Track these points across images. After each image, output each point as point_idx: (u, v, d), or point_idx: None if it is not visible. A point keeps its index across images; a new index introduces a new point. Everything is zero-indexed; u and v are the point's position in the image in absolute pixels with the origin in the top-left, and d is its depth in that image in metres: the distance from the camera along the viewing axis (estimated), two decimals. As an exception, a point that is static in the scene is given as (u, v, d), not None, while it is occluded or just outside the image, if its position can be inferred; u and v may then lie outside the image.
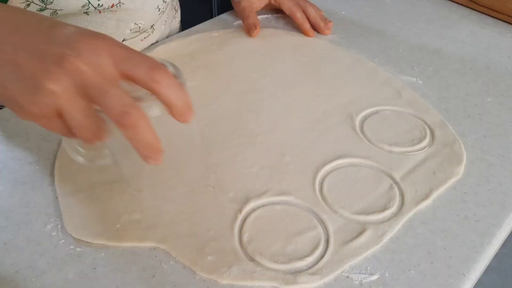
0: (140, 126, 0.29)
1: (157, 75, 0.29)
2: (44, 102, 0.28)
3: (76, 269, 0.36)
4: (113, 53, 0.29)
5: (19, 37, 0.29)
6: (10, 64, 0.28)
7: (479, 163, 0.47)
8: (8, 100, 0.29)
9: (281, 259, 0.37)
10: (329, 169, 0.46)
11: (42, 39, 0.29)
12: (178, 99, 0.30)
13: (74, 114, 0.29)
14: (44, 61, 0.28)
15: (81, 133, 0.30)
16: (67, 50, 0.28)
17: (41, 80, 0.28)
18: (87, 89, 0.28)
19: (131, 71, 0.29)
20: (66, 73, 0.28)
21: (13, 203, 0.41)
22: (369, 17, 0.72)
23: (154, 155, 0.30)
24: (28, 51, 0.28)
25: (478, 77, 0.59)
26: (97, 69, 0.28)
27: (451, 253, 0.38)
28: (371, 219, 0.41)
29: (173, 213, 0.40)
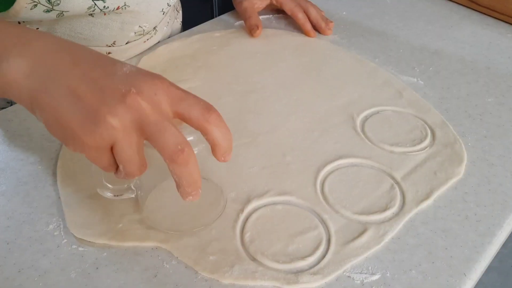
0: (190, 163, 0.30)
1: (211, 116, 0.31)
2: (102, 134, 0.29)
3: (79, 268, 0.36)
4: (169, 93, 0.30)
5: (79, 70, 0.30)
6: (71, 95, 0.29)
7: (480, 163, 0.47)
8: (63, 130, 0.30)
9: (282, 259, 0.37)
10: (330, 169, 0.46)
11: (103, 74, 0.30)
12: (225, 141, 0.32)
13: (126, 148, 0.30)
14: (106, 95, 0.29)
15: (127, 167, 0.31)
16: (128, 86, 0.29)
17: (103, 113, 0.29)
18: (144, 125, 0.29)
19: (186, 111, 0.31)
20: (128, 108, 0.29)
21: (15, 203, 0.41)
22: (370, 18, 0.73)
23: (196, 192, 0.32)
24: (90, 85, 0.29)
25: (478, 77, 0.60)
26: (156, 107, 0.30)
27: (452, 253, 0.38)
28: (372, 219, 0.41)
29: (175, 213, 0.40)
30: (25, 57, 0.30)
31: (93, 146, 0.30)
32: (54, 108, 0.29)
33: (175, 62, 0.61)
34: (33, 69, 0.30)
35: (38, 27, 0.51)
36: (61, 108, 0.29)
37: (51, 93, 0.29)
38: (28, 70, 0.30)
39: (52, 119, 0.30)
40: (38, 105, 0.30)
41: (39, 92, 0.30)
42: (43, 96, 0.30)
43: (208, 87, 0.56)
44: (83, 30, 0.52)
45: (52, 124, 0.30)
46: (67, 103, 0.29)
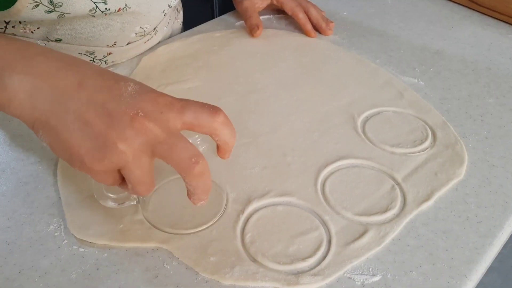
0: (205, 173, 0.31)
1: (219, 118, 0.32)
2: (110, 160, 0.29)
3: (79, 269, 0.36)
4: (174, 107, 0.31)
5: (85, 92, 0.30)
6: (79, 121, 0.29)
7: (480, 165, 0.47)
8: (70, 154, 0.30)
9: (283, 260, 0.37)
10: (331, 170, 0.46)
11: (109, 96, 0.30)
12: (233, 140, 0.33)
13: (136, 171, 0.30)
14: (114, 120, 0.29)
15: (135, 187, 0.31)
16: (135, 109, 0.30)
17: (112, 139, 0.29)
18: (155, 146, 0.30)
19: (194, 120, 0.31)
20: (136, 132, 0.29)
21: (16, 203, 0.41)
22: (371, 18, 0.72)
23: (207, 197, 0.33)
24: (97, 109, 0.29)
25: (479, 78, 0.60)
26: (163, 125, 0.30)
27: (452, 254, 0.38)
28: (373, 220, 0.41)
29: (176, 214, 0.40)
30: (28, 74, 0.30)
31: (101, 170, 0.30)
32: (62, 133, 0.29)
33: (176, 62, 0.61)
34: (36, 88, 0.30)
35: (39, 27, 0.51)
36: (69, 133, 0.29)
37: (58, 117, 0.29)
38: (31, 89, 0.30)
39: (58, 142, 0.30)
40: (43, 127, 0.30)
41: (46, 114, 0.30)
42: (50, 119, 0.30)
43: (208, 87, 0.56)
44: (84, 30, 0.52)
45: (58, 147, 0.30)
46: (75, 129, 0.29)
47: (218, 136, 0.32)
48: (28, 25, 0.50)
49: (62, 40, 0.53)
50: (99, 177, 0.31)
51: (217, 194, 0.42)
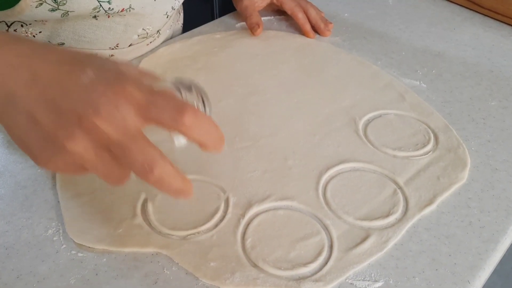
0: (165, 178, 0.28)
1: (184, 118, 0.28)
2: (64, 161, 0.28)
3: (78, 274, 0.36)
4: (134, 101, 0.28)
5: (37, 89, 0.28)
6: (29, 120, 0.28)
7: (483, 168, 0.46)
8: (27, 152, 0.29)
9: (284, 265, 0.37)
10: (333, 173, 0.45)
11: (60, 92, 0.28)
12: (209, 137, 0.30)
13: (97, 167, 0.28)
14: (63, 119, 0.27)
15: (105, 179, 0.29)
16: (85, 107, 0.27)
17: (61, 140, 0.27)
18: (108, 146, 0.28)
19: (156, 117, 0.28)
20: (86, 133, 0.27)
21: (14, 207, 0.41)
22: (372, 20, 0.72)
23: (184, 195, 0.30)
24: (47, 107, 0.27)
25: (481, 80, 0.59)
26: (118, 124, 0.27)
27: (455, 260, 0.38)
28: (375, 224, 0.40)
29: (176, 217, 0.40)
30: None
31: (57, 169, 0.29)
32: (14, 133, 0.29)
33: (176, 64, 0.60)
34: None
35: (41, 31, 0.50)
36: (21, 134, 0.28)
37: (11, 117, 0.28)
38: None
39: (15, 140, 0.29)
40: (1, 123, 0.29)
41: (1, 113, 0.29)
42: (4, 119, 0.29)
43: (208, 89, 0.55)
44: (87, 33, 0.52)
45: (17, 144, 0.30)
46: (26, 129, 0.28)
47: (187, 137, 0.29)
48: (30, 28, 0.50)
49: (65, 43, 0.52)
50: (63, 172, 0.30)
51: (216, 196, 0.42)
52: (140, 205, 0.41)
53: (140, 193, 0.42)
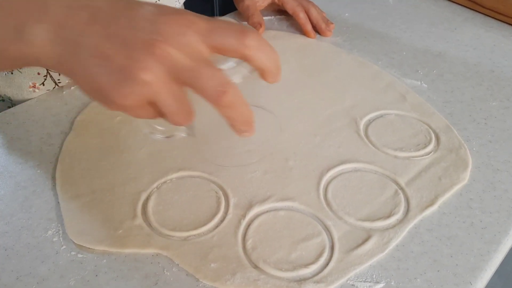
0: (237, 103, 0.29)
1: (248, 40, 0.28)
2: (137, 93, 0.27)
3: (78, 276, 0.36)
4: (197, 28, 0.28)
5: (99, 25, 0.27)
6: (97, 57, 0.27)
7: (485, 169, 0.46)
8: (97, 93, 0.28)
9: (285, 266, 0.37)
10: (334, 174, 0.45)
11: (124, 25, 0.27)
12: (271, 61, 0.30)
13: (167, 100, 0.28)
14: (132, 50, 0.27)
15: (173, 118, 0.29)
16: (153, 35, 0.27)
17: (133, 71, 0.27)
18: (179, 73, 0.27)
19: (221, 43, 0.28)
20: (157, 60, 0.27)
21: (14, 208, 0.41)
22: (373, 20, 0.72)
23: (249, 129, 0.31)
24: (113, 41, 0.27)
25: (482, 81, 0.59)
26: (186, 49, 0.27)
27: (457, 261, 0.38)
28: (376, 225, 0.40)
29: (176, 218, 0.40)
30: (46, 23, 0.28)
31: (132, 105, 0.28)
32: (83, 73, 0.28)
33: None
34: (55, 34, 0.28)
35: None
36: (90, 71, 0.27)
37: (77, 57, 0.28)
38: (52, 36, 0.28)
39: (85, 84, 0.28)
40: (68, 71, 0.29)
41: (65, 57, 0.28)
42: (70, 61, 0.28)
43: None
44: None
45: (86, 88, 0.29)
46: (95, 66, 0.27)
47: (251, 61, 0.30)
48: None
49: None
50: (134, 112, 0.29)
51: (217, 196, 0.42)
52: (141, 206, 0.41)
53: (140, 193, 0.42)
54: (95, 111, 0.51)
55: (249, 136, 0.31)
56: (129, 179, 0.43)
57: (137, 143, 0.47)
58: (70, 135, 0.48)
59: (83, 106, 0.52)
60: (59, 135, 0.48)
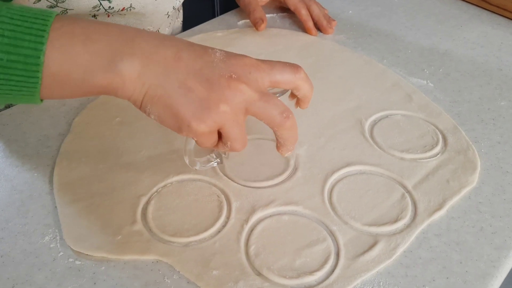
0: (295, 126, 0.36)
1: (300, 74, 0.36)
2: (213, 120, 0.33)
3: (76, 283, 0.35)
4: (260, 68, 0.34)
5: (183, 63, 0.33)
6: (182, 88, 0.32)
7: (494, 171, 0.45)
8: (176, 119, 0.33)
9: (289, 273, 0.35)
10: (338, 177, 0.44)
11: (203, 64, 0.33)
12: (311, 91, 0.38)
13: (234, 128, 0.34)
14: (212, 85, 0.33)
15: (234, 144, 0.35)
16: (228, 73, 0.33)
17: (214, 101, 0.32)
18: (249, 104, 0.33)
19: (279, 78, 0.35)
20: (234, 93, 0.33)
21: (10, 213, 0.40)
22: (377, 17, 0.70)
23: (293, 148, 0.38)
24: (196, 77, 0.33)
25: (490, 79, 0.58)
26: (254, 85, 0.34)
27: (467, 267, 0.37)
28: (383, 230, 0.39)
29: (177, 223, 0.39)
30: (136, 56, 0.32)
31: (204, 131, 0.33)
32: (169, 100, 0.32)
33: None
34: (144, 67, 0.32)
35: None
36: (175, 100, 0.32)
37: (165, 87, 0.32)
38: (140, 68, 0.32)
39: (165, 110, 0.33)
40: (151, 98, 0.33)
41: (153, 87, 0.32)
42: (157, 90, 0.32)
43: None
44: None
45: (166, 115, 0.33)
46: (179, 95, 0.32)
47: (299, 90, 0.37)
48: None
49: None
50: (203, 138, 0.34)
51: (219, 201, 0.41)
52: (140, 211, 0.40)
53: (140, 197, 0.41)
54: (94, 112, 0.50)
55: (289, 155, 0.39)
56: (128, 182, 0.42)
57: (136, 145, 0.46)
58: (68, 137, 0.47)
59: (81, 107, 0.50)
60: (56, 137, 0.47)
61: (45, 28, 0.29)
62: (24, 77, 0.30)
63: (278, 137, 0.37)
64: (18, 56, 0.29)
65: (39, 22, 0.30)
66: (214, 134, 0.34)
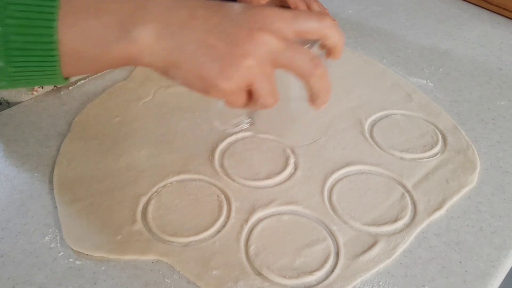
0: (326, 74, 0.33)
1: (326, 21, 0.33)
2: (240, 76, 0.31)
3: (76, 284, 0.35)
4: (283, 17, 0.32)
5: (200, 20, 0.31)
6: (203, 47, 0.31)
7: (493, 171, 0.45)
8: (201, 80, 0.31)
9: (289, 273, 0.36)
10: (338, 177, 0.44)
11: (221, 19, 0.31)
12: (341, 39, 0.35)
13: (263, 83, 0.32)
14: (233, 39, 0.30)
15: (265, 100, 0.33)
16: (249, 25, 0.31)
17: (236, 57, 0.30)
18: (276, 55, 0.31)
19: (305, 27, 0.32)
20: (257, 45, 0.31)
21: (10, 213, 0.40)
22: (377, 16, 0.70)
23: (327, 99, 0.35)
24: (215, 33, 0.31)
25: (490, 79, 0.58)
26: (279, 35, 0.31)
27: (466, 267, 0.37)
28: (382, 230, 0.39)
29: (177, 223, 0.39)
30: (149, 21, 0.31)
31: (232, 89, 0.31)
32: (191, 62, 0.31)
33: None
34: (160, 31, 0.31)
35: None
36: (197, 60, 0.31)
37: (184, 49, 0.31)
38: (156, 33, 0.31)
39: (190, 73, 0.31)
40: (173, 63, 0.31)
41: (173, 50, 0.31)
42: (177, 53, 0.31)
43: (210, 89, 0.54)
44: None
45: (191, 78, 0.31)
46: (201, 55, 0.30)
47: (329, 39, 0.34)
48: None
49: None
50: (232, 97, 0.33)
51: (219, 200, 0.41)
52: (140, 210, 0.40)
53: (140, 197, 0.41)
54: (93, 112, 0.50)
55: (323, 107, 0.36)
56: (128, 182, 0.42)
57: (136, 145, 0.46)
58: (68, 137, 0.47)
59: (81, 107, 0.50)
60: (56, 136, 0.47)
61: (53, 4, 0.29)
62: (42, 57, 0.29)
63: (310, 88, 0.34)
64: (33, 36, 0.28)
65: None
66: (243, 92, 0.33)
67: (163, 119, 0.49)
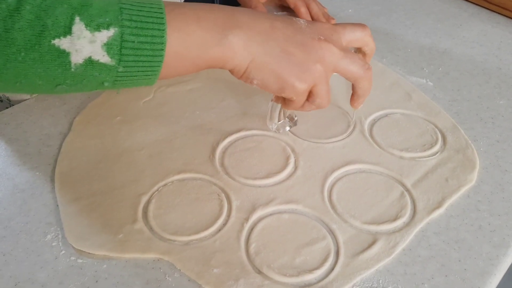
0: (372, 77, 0.40)
1: (367, 31, 0.41)
2: (312, 79, 0.37)
3: (77, 282, 0.35)
4: (336, 30, 0.39)
5: (279, 31, 0.37)
6: (284, 53, 0.36)
7: (492, 170, 0.45)
8: (282, 80, 0.37)
9: (289, 271, 0.36)
10: (338, 175, 0.44)
11: (295, 31, 0.37)
12: (374, 47, 0.42)
13: (325, 85, 0.38)
14: (308, 48, 0.37)
15: (323, 100, 0.39)
16: (317, 36, 0.37)
17: (312, 62, 0.37)
18: (337, 62, 0.38)
19: (353, 37, 0.40)
20: (326, 53, 0.37)
21: (12, 212, 0.40)
22: (376, 16, 0.71)
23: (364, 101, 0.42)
24: (292, 42, 0.37)
25: (489, 78, 0.58)
26: (338, 44, 0.38)
27: (465, 265, 0.37)
28: (382, 229, 0.39)
29: (178, 222, 0.39)
30: (240, 28, 0.35)
31: (303, 90, 0.37)
32: (273, 65, 0.36)
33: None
34: (249, 38, 0.36)
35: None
36: (279, 64, 0.36)
37: (268, 54, 0.36)
38: (246, 39, 0.35)
39: (271, 75, 0.37)
40: (257, 65, 0.36)
41: (258, 55, 0.36)
42: (262, 57, 0.36)
43: (210, 88, 0.55)
44: None
45: (270, 78, 0.37)
46: (282, 60, 0.36)
47: (368, 45, 0.41)
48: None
49: None
50: (301, 97, 0.38)
51: (219, 199, 0.41)
52: (141, 209, 0.40)
53: (141, 196, 0.41)
54: (94, 111, 0.50)
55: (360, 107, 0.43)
56: (129, 181, 0.42)
57: (137, 144, 0.46)
58: (69, 136, 0.47)
59: (82, 106, 0.51)
60: (57, 135, 0.47)
61: (162, 11, 0.32)
62: (151, 57, 0.32)
63: (358, 89, 0.41)
64: (146, 37, 0.31)
65: (155, 6, 0.32)
66: (307, 93, 0.38)
67: (163, 118, 0.49)
